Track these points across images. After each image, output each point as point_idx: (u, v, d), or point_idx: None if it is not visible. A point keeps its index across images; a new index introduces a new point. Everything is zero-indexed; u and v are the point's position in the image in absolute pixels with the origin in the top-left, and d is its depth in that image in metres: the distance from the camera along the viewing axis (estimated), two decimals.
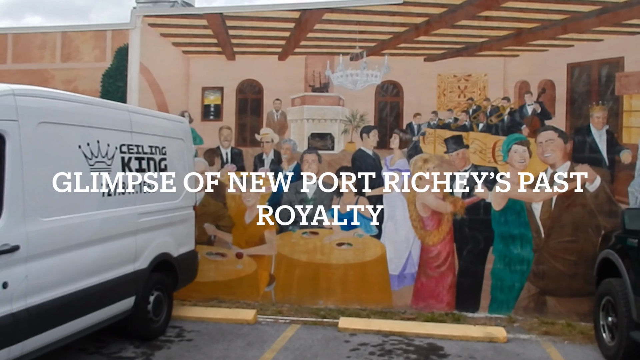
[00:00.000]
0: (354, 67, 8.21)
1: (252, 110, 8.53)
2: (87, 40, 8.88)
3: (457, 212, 7.82)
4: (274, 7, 8.39)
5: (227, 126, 8.50)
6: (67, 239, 5.03)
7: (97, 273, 5.47)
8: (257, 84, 8.56)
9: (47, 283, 4.81)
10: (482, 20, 7.81)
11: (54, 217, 4.87)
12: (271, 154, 8.36)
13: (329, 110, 8.34)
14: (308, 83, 8.38)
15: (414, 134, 8.09)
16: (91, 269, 5.37)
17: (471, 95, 7.98)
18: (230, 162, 8.42)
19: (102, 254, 5.53)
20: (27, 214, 4.62)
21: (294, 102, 8.45)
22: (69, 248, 5.05)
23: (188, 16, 8.71)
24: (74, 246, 5.11)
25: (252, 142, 8.49)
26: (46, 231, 4.75)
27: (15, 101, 4.59)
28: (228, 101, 8.55)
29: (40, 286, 4.71)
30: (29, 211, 4.63)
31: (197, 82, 8.62)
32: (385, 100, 8.22)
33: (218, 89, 8.55)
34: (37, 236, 4.67)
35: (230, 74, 8.52)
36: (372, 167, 8.12)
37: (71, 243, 5.09)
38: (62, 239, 4.95)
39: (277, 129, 8.44)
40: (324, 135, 8.34)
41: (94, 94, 8.43)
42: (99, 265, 5.50)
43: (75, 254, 5.14)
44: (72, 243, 5.11)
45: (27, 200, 4.62)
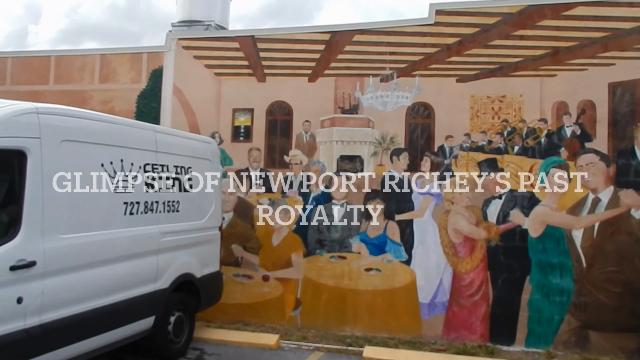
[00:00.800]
0: (384, 88, 8.16)
1: (281, 132, 8.57)
2: (124, 62, 9.14)
3: (492, 239, 7.60)
4: (304, 29, 8.47)
5: (257, 147, 8.55)
6: (86, 257, 5.08)
7: (115, 291, 5.52)
8: (287, 106, 8.60)
9: (63, 300, 4.86)
10: (516, 39, 7.65)
11: (73, 234, 4.93)
12: (300, 176, 8.35)
13: (359, 132, 8.28)
14: (338, 105, 8.37)
15: (445, 157, 7.94)
16: (109, 287, 5.43)
17: (506, 117, 7.78)
18: (259, 184, 8.38)
19: (121, 273, 5.58)
20: (46, 230, 4.71)
21: (324, 123, 8.43)
22: (87, 265, 5.10)
23: (221, 39, 8.92)
24: (92, 264, 5.16)
25: (281, 163, 8.50)
26: (64, 248, 4.81)
27: (38, 119, 4.72)
28: (258, 122, 8.63)
29: (55, 302, 4.77)
30: (48, 227, 4.72)
31: (228, 104, 8.75)
32: (416, 122, 8.12)
33: (248, 110, 8.65)
34: (54, 253, 4.74)
35: (261, 95, 8.60)
36: (402, 190, 8.00)
37: (90, 260, 5.14)
38: (80, 256, 5.00)
39: (306, 151, 8.44)
40: (354, 157, 8.25)
41: (129, 114, 8.71)
42: (118, 284, 5.55)
43: (94, 272, 5.18)
44: (91, 260, 5.16)
45: (46, 216, 4.72)
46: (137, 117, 8.66)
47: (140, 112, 8.84)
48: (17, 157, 4.45)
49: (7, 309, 4.30)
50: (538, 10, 7.51)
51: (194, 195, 6.89)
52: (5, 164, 4.44)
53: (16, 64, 9.51)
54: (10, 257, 4.29)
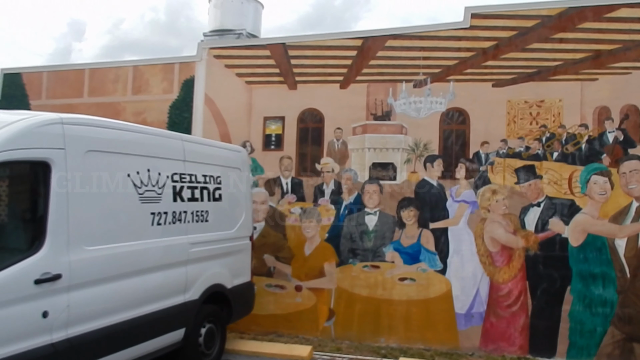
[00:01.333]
0: (418, 94, 7.98)
1: (312, 140, 8.44)
2: (156, 73, 9.11)
3: (530, 248, 7.34)
4: (335, 36, 8.35)
5: (288, 156, 8.43)
6: (112, 269, 4.93)
7: (144, 304, 5.36)
8: (318, 113, 8.47)
9: (89, 313, 4.73)
10: (555, 42, 7.39)
11: (100, 246, 4.80)
12: (332, 184, 8.18)
13: (391, 139, 8.10)
14: (370, 111, 8.20)
15: (481, 164, 7.70)
16: (137, 300, 5.28)
17: (544, 122, 7.51)
18: (290, 192, 8.33)
19: (149, 284, 5.43)
20: (71, 242, 4.59)
21: (355, 130, 8.27)
22: (114, 278, 4.95)
23: (252, 47, 8.82)
24: (119, 276, 5.01)
25: (312, 171, 8.37)
26: (90, 260, 4.69)
27: (63, 130, 4.62)
28: (289, 131, 8.51)
29: (82, 316, 4.64)
30: (73, 239, 4.60)
31: (259, 112, 8.64)
32: (450, 128, 7.89)
33: (279, 119, 8.53)
34: (80, 265, 4.62)
35: (292, 103, 8.49)
36: (437, 198, 7.78)
37: (116, 272, 4.99)
38: (106, 268, 4.86)
39: (337, 159, 8.28)
40: (386, 164, 8.08)
41: (161, 125, 8.68)
42: (146, 296, 5.40)
43: (121, 284, 5.04)
44: (118, 272, 5.01)
45: (71, 228, 4.60)
46: (169, 127, 8.64)
47: (172, 123, 8.80)
48: (42, 168, 4.35)
49: (33, 324, 4.20)
50: (579, 13, 7.25)
51: (223, 205, 6.75)
52: (30, 176, 4.37)
53: (51, 78, 9.59)
54: (35, 271, 4.18)
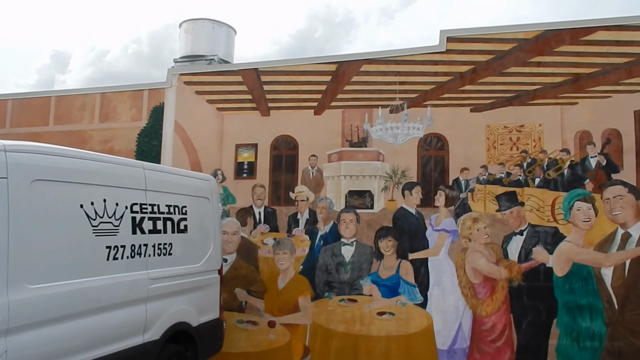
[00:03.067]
0: (395, 119, 7.67)
1: (286, 167, 8.10)
2: (124, 100, 8.79)
3: (514, 278, 6.94)
4: (309, 60, 8.11)
5: (261, 184, 8.09)
6: (60, 309, 4.37)
7: (97, 346, 4.75)
8: (292, 140, 8.18)
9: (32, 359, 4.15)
10: (533, 66, 7.15)
11: (46, 284, 4.27)
12: (306, 214, 7.83)
13: (368, 166, 7.79)
14: (345, 138, 7.92)
15: (461, 191, 7.37)
16: (89, 342, 4.66)
17: (525, 148, 7.24)
18: (263, 222, 7.94)
19: (103, 325, 4.83)
20: (12, 280, 4.03)
21: (331, 158, 7.95)
22: (61, 318, 4.37)
23: (223, 73, 8.57)
24: (68, 316, 4.44)
25: (286, 200, 8.00)
26: (33, 300, 4.14)
27: (5, 157, 4.12)
28: (262, 158, 8.19)
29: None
30: (14, 277, 4.04)
31: (230, 139, 8.33)
32: (429, 154, 7.61)
33: (252, 146, 8.22)
34: (21, 306, 4.06)
35: (265, 130, 8.20)
36: (416, 227, 7.41)
37: (65, 312, 4.41)
38: (53, 308, 4.31)
39: (312, 187, 7.95)
40: (363, 192, 7.74)
41: (129, 153, 8.35)
42: (99, 338, 4.79)
43: (70, 325, 4.46)
44: (66, 312, 4.43)
45: (12, 265, 4.05)
46: (138, 155, 8.28)
47: (140, 151, 8.44)
48: None
49: None
50: (556, 36, 7.02)
51: (189, 237, 6.24)
52: None
53: (16, 106, 9.25)
54: None
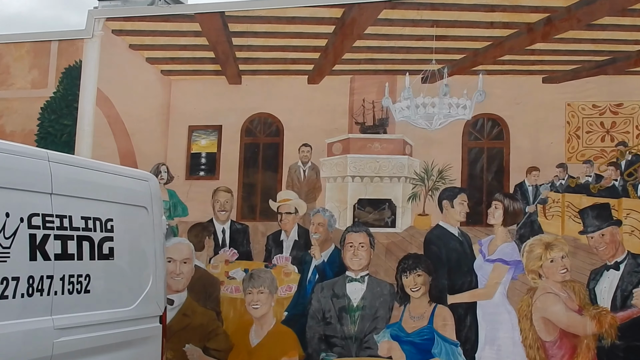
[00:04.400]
0: (429, 93, 7.21)
1: (265, 163, 7.67)
2: (21, 56, 8.32)
3: (605, 335, 6.46)
4: (303, 2, 7.64)
5: (226, 188, 7.53)
6: None
7: None
8: (275, 121, 7.70)
9: None
10: (637, 15, 6.74)
11: None
12: (294, 233, 7.30)
13: (388, 163, 7.39)
14: (354, 119, 7.45)
15: (528, 202, 6.98)
16: None
17: (623, 138, 6.87)
18: (229, 246, 7.39)
19: None
20: None
21: (332, 149, 7.53)
22: None
23: (172, 17, 8.00)
24: None
25: (264, 213, 7.56)
26: None
27: None
28: (228, 148, 7.71)
29: None
30: None
31: (181, 119, 7.86)
32: (479, 145, 7.30)
33: (213, 129, 7.72)
34: None
35: (234, 105, 7.72)
36: (459, 255, 6.96)
37: None
38: None
39: (304, 193, 7.50)
40: (380, 202, 7.31)
41: (27, 137, 7.86)
42: None
43: None
44: None
45: None
46: (39, 141, 7.94)
47: (45, 134, 8.08)
48: None
49: None
50: None
51: (117, 265, 5.46)
52: None
53: None
54: None
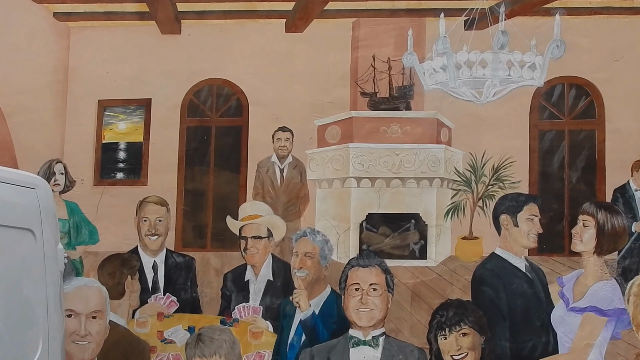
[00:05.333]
0: (477, 44, 6.16)
1: (220, 158, 6.97)
2: None
3: None
4: None
5: (159, 199, 6.45)
6: None
7: None
8: (234, 92, 6.92)
9: None
10: None
11: None
12: (266, 269, 6.25)
13: (414, 156, 6.69)
14: (359, 87, 6.71)
15: (635, 216, 6.59)
16: None
17: None
18: (163, 290, 6.46)
19: None
20: None
21: (326, 134, 6.88)
22: None
23: None
24: None
25: (218, 238, 6.85)
26: None
27: None
28: (161, 135, 6.95)
29: None
30: None
31: (86, 90, 7.13)
32: (558, 127, 6.81)
33: (137, 106, 6.97)
34: None
35: (169, 67, 7.02)
36: (527, 301, 5.93)
37: None
38: None
39: (281, 205, 6.80)
40: (402, 219, 6.59)
41: None
42: None
43: None
44: None
45: None
46: None
47: None
48: None
49: None
50: None
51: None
52: None
53: None
54: None
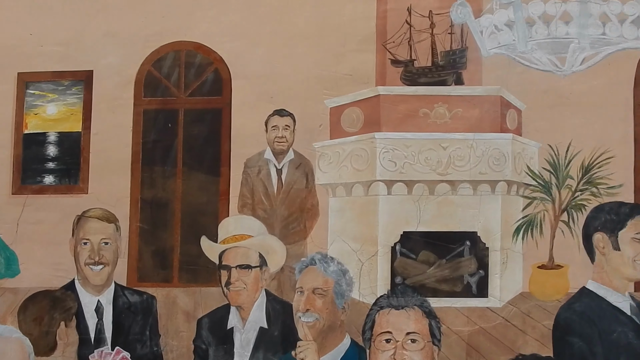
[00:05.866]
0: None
1: (191, 154, 5.89)
2: None
3: None
4: None
5: (103, 213, 5.28)
6: None
7: None
8: (212, 59, 5.91)
9: None
10: None
11: None
12: (258, 312, 5.11)
13: (469, 150, 5.64)
14: (388, 50, 5.71)
15: None
16: None
17: None
18: (111, 343, 5.36)
19: None
20: None
21: (341, 120, 5.77)
22: None
23: None
24: None
25: (189, 268, 5.81)
26: None
27: None
28: (108, 122, 5.88)
29: None
30: None
31: (1, 57, 6.07)
32: None
33: (73, 81, 5.92)
34: None
35: (118, 25, 5.98)
36: (633, 355, 4.62)
37: None
38: None
39: (279, 220, 5.77)
40: (451, 240, 5.59)
41: None
42: None
43: None
44: None
45: None
46: None
47: None
48: None
49: None
50: None
51: None
52: None
53: None
54: None
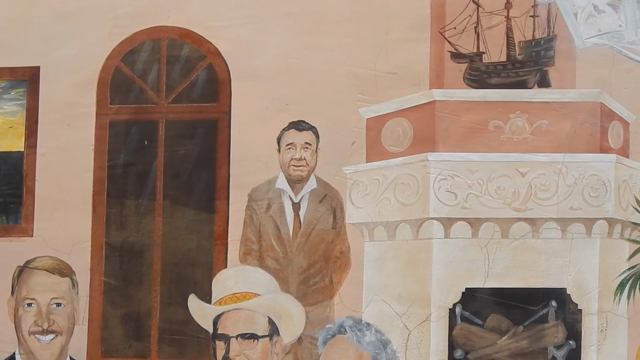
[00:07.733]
0: None
1: (175, 182, 4.81)
2: None
3: None
4: None
5: (53, 263, 4.20)
6: None
7: None
8: (203, 51, 4.98)
9: None
10: None
11: None
12: None
13: (556, 176, 4.52)
14: (447, 40, 4.84)
15: None
16: None
17: None
18: None
19: None
20: None
21: (382, 136, 4.72)
22: None
23: None
24: None
25: (173, 339, 4.74)
26: None
27: None
28: (59, 137, 4.87)
29: None
30: None
31: None
32: None
33: (10, 80, 4.93)
34: None
35: (75, 4, 4.93)
36: None
37: None
38: None
39: (295, 273, 4.73)
40: (530, 299, 4.57)
41: None
42: None
43: None
44: None
45: None
46: None
47: None
48: None
49: None
50: None
51: None
52: None
53: None
54: None
